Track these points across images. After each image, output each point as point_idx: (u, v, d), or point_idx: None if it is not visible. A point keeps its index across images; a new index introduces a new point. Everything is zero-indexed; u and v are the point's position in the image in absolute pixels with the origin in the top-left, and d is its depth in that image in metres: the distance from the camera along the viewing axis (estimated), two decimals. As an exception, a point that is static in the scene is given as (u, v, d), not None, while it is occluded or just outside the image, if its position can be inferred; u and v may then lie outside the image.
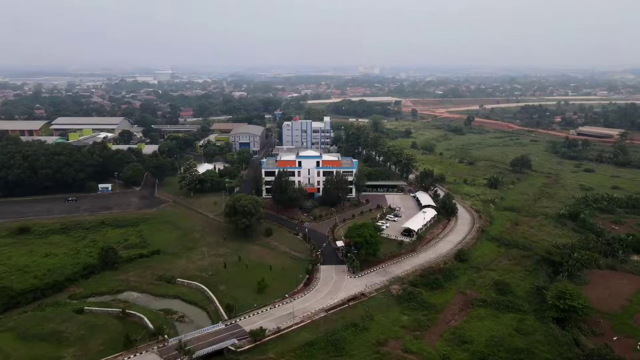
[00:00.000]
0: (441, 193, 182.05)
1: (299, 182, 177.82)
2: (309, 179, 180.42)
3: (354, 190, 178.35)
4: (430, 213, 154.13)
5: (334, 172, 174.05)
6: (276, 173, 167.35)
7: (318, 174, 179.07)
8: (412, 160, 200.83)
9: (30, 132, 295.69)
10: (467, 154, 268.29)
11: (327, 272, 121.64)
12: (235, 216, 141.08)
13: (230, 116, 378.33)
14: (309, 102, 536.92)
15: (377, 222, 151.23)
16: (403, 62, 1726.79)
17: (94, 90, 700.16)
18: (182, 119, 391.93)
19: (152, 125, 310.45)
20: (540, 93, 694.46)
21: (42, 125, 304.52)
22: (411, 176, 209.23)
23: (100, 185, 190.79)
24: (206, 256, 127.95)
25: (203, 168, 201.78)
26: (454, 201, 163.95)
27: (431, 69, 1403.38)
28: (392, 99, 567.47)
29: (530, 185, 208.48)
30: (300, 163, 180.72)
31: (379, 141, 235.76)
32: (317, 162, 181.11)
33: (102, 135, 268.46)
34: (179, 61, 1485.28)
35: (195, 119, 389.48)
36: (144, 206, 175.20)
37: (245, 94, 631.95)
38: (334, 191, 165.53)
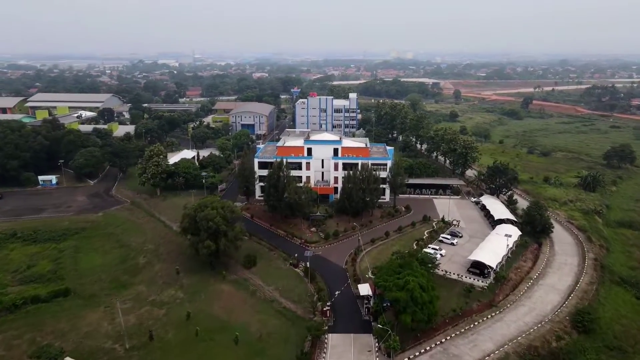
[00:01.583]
0: (518, 198, 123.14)
1: (308, 178, 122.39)
2: (322, 174, 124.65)
3: (387, 192, 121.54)
4: (514, 234, 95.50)
5: (359, 165, 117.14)
6: (273, 165, 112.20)
7: (336, 167, 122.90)
8: (471, 149, 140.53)
9: (4, 110, 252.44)
10: (534, 142, 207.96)
11: (340, 352, 66.25)
12: (197, 235, 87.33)
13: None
14: (335, 83, 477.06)
15: (426, 247, 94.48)
16: (437, 47, 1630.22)
17: (108, 71, 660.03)
18: (188, 99, 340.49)
19: (144, 104, 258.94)
20: (599, 75, 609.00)
21: (17, 102, 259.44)
22: (469, 172, 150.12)
23: (41, 178, 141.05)
24: (120, 312, 74.59)
25: (181, 156, 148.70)
26: (547, 214, 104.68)
27: (468, 55, 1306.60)
28: (430, 81, 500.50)
29: (638, 186, 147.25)
30: (310, 150, 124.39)
31: (421, 123, 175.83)
32: (335, 150, 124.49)
33: (78, 113, 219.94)
34: (213, 48, 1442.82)
35: (201, 99, 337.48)
36: (89, 208, 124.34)
37: (267, 75, 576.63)
38: (358, 193, 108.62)
